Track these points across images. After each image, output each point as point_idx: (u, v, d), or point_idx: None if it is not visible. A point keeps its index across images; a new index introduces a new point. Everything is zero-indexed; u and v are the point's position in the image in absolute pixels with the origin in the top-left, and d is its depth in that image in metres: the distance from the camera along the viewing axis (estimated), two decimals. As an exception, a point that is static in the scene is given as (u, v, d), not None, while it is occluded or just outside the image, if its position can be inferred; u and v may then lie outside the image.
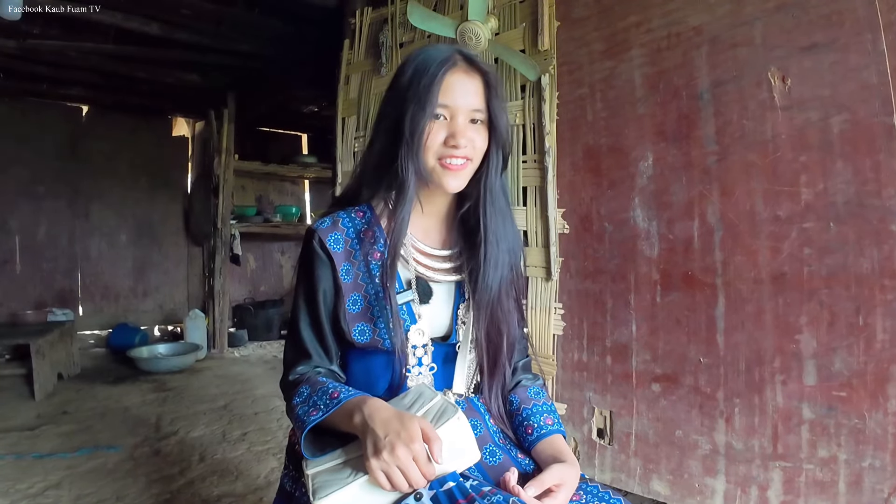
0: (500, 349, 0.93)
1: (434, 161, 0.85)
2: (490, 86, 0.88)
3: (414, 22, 2.08)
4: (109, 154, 4.90)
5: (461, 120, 0.85)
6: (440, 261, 0.92)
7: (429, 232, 0.93)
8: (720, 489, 1.58)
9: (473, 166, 0.88)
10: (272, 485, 1.98)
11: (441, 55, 0.86)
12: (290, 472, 0.95)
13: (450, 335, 0.93)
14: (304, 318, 0.90)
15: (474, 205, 0.91)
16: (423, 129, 0.83)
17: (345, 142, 2.57)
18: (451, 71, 0.85)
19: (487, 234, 0.90)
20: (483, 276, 0.90)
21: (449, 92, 0.84)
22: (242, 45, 3.63)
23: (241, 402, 3.03)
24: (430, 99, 0.82)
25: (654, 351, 1.73)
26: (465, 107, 0.85)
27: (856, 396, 1.37)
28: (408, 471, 0.69)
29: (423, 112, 0.82)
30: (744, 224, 1.55)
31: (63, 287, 4.76)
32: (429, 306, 0.90)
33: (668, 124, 1.70)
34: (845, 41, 1.39)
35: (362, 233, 0.89)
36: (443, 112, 0.84)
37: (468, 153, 0.85)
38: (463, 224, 0.94)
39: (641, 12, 1.75)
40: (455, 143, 0.83)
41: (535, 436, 0.92)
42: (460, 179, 0.87)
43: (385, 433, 0.71)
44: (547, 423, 0.93)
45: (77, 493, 1.92)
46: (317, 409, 0.78)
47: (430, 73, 0.83)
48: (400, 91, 0.87)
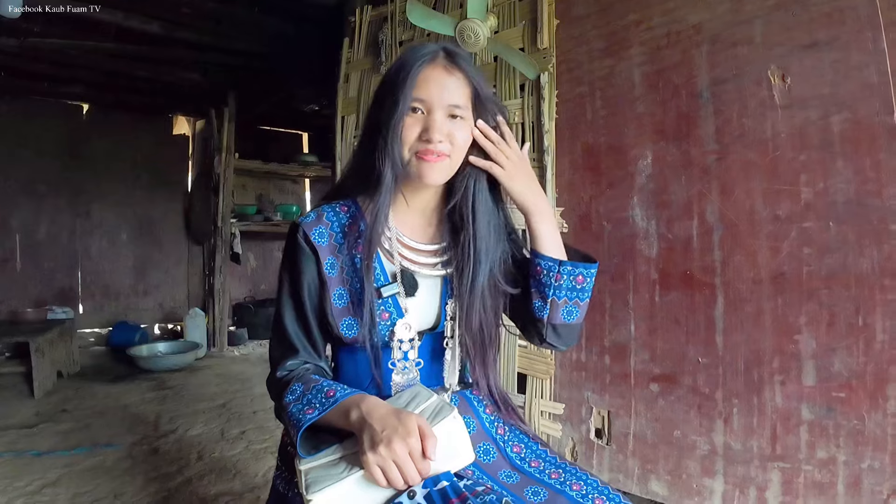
0: (486, 345, 0.93)
1: (410, 154, 0.85)
2: (472, 80, 0.87)
3: (413, 20, 2.07)
4: (110, 152, 4.90)
5: (438, 115, 0.84)
6: (426, 255, 0.92)
7: (414, 227, 0.93)
8: (718, 490, 1.58)
9: (456, 160, 0.87)
10: (269, 483, 1.96)
11: (424, 51, 0.86)
12: (282, 474, 0.95)
13: (437, 327, 0.92)
14: (289, 313, 0.89)
15: (462, 199, 0.91)
16: (396, 121, 0.82)
17: (344, 140, 2.56)
18: (429, 66, 0.84)
19: (476, 228, 0.89)
20: (469, 272, 0.89)
21: (424, 86, 0.83)
22: (243, 43, 3.64)
23: (240, 400, 3.03)
24: (404, 93, 0.82)
25: (652, 351, 1.72)
26: (442, 101, 0.84)
27: (855, 397, 1.36)
28: (403, 466, 0.69)
29: (397, 106, 0.82)
30: (743, 223, 1.54)
31: (63, 285, 4.76)
32: (415, 299, 0.90)
33: (668, 123, 1.69)
34: (846, 39, 1.38)
35: (347, 227, 0.89)
36: (419, 106, 0.84)
37: (444, 149, 0.84)
38: (450, 219, 0.94)
39: (641, 10, 1.74)
40: (429, 136, 0.83)
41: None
42: (437, 173, 0.85)
43: (382, 428, 0.71)
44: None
45: (75, 491, 1.92)
46: (312, 407, 0.77)
47: (407, 67, 0.84)
48: (382, 88, 0.88)
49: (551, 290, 0.89)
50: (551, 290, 0.89)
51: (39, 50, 3.51)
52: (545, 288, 0.89)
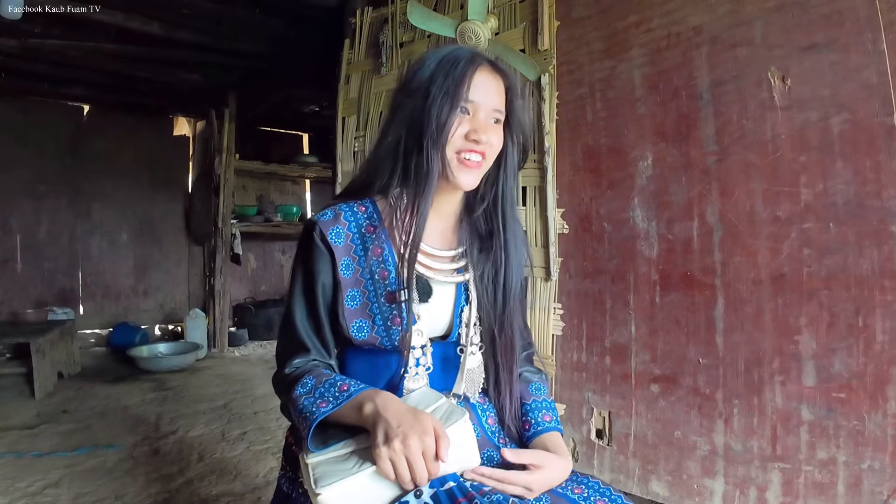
0: (514, 351, 0.93)
1: (452, 154, 0.85)
2: (511, 88, 0.89)
3: (414, 21, 2.08)
4: (110, 153, 4.90)
5: (483, 116, 0.85)
6: (443, 261, 0.91)
7: (433, 231, 0.92)
8: (719, 490, 1.58)
9: (487, 165, 0.88)
10: (270, 484, 1.98)
11: (467, 53, 0.87)
12: (287, 473, 0.94)
13: (449, 335, 0.92)
14: (301, 311, 0.88)
15: (492, 206, 0.92)
16: (450, 120, 0.83)
17: (345, 141, 2.56)
18: (480, 69, 0.86)
19: (507, 235, 0.91)
20: (505, 279, 0.90)
21: (476, 89, 0.84)
22: (243, 44, 3.64)
23: (240, 401, 3.03)
24: (458, 93, 0.83)
25: (653, 351, 1.72)
26: (489, 105, 0.85)
27: (855, 398, 1.37)
28: (415, 464, 0.68)
29: (452, 105, 0.83)
30: (743, 224, 1.55)
31: (64, 286, 4.76)
32: (428, 306, 0.89)
33: (668, 124, 1.69)
34: (845, 41, 1.38)
35: (364, 228, 0.88)
36: (468, 107, 0.85)
37: (485, 150, 0.85)
38: (471, 225, 0.94)
39: (641, 12, 1.74)
40: (477, 137, 0.84)
41: (531, 432, 0.92)
42: (474, 177, 0.87)
43: (398, 423, 0.70)
44: (545, 419, 0.93)
45: (76, 492, 1.93)
46: (325, 401, 0.76)
47: (461, 68, 0.84)
48: (422, 84, 0.86)
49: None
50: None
51: (40, 51, 3.51)
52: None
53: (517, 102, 0.89)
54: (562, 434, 0.93)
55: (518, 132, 0.91)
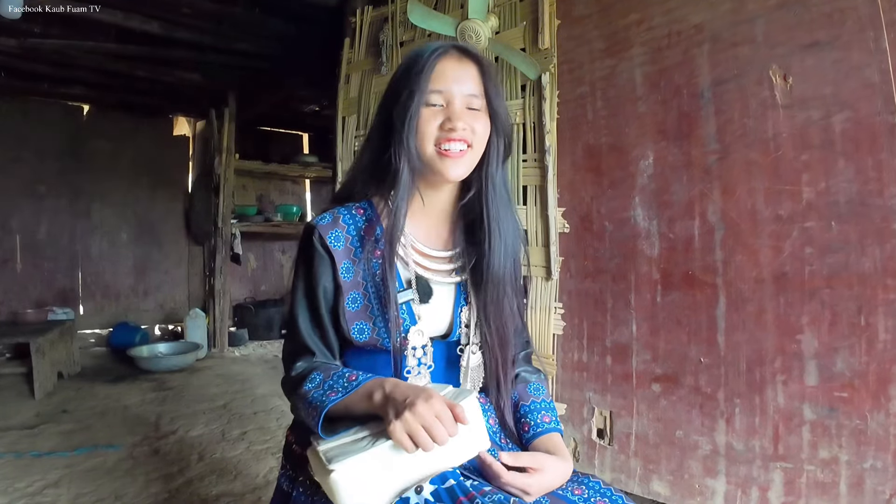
0: (508, 345, 0.93)
1: (432, 148, 0.84)
2: (485, 72, 0.87)
3: (414, 20, 2.08)
4: (110, 153, 4.90)
5: (457, 104, 0.84)
6: (440, 262, 0.91)
7: (429, 231, 0.92)
8: (720, 490, 1.57)
9: (475, 154, 0.87)
10: (270, 484, 1.98)
11: (434, 45, 0.87)
12: (287, 472, 0.94)
13: (450, 334, 0.92)
14: (305, 315, 0.89)
15: (476, 194, 0.91)
16: (413, 115, 0.82)
17: (345, 141, 2.56)
18: (443, 58, 0.85)
19: (490, 223, 0.90)
20: (488, 267, 0.89)
21: (441, 77, 0.84)
22: (243, 44, 3.63)
23: (240, 401, 3.03)
24: (420, 85, 0.82)
25: (654, 351, 1.72)
26: (460, 92, 0.84)
27: (857, 397, 1.36)
28: (432, 427, 0.68)
29: (413, 99, 0.82)
30: (745, 223, 1.54)
31: (64, 286, 4.76)
32: (429, 306, 0.89)
33: (669, 123, 1.69)
34: (847, 39, 1.38)
35: (363, 230, 0.88)
36: (437, 99, 0.84)
37: (467, 137, 0.84)
38: (464, 220, 0.93)
39: (642, 10, 1.74)
40: (452, 125, 0.83)
41: (531, 433, 0.91)
42: (461, 167, 0.85)
43: (405, 398, 0.71)
44: (544, 420, 0.93)
45: (76, 492, 1.92)
46: (334, 391, 0.77)
47: (423, 59, 0.84)
48: (393, 84, 0.88)
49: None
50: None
51: (39, 50, 3.50)
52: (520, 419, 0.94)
53: (491, 87, 0.87)
54: (561, 434, 0.93)
55: (495, 117, 0.89)
